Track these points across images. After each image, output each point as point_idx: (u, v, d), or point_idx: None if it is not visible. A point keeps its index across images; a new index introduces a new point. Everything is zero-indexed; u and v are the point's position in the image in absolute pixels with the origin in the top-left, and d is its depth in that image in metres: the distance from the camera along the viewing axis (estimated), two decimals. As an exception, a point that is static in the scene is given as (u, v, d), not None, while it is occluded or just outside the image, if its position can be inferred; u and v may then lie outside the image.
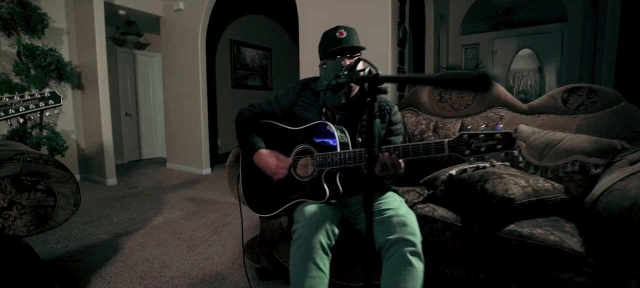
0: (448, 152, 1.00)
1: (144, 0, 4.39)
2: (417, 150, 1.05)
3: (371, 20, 2.95)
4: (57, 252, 2.05)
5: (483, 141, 0.96)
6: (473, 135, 0.97)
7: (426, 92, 1.95)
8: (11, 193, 1.28)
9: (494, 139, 0.94)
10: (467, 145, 0.97)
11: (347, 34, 1.26)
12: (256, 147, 1.29)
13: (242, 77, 6.36)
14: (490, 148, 0.94)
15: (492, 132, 0.95)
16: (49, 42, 3.64)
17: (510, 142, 0.93)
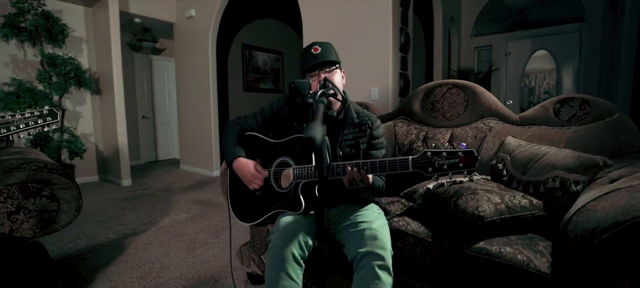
0: (412, 169, 1.02)
1: (157, 8, 4.57)
2: (383, 166, 1.07)
3: (372, 26, 2.96)
4: (70, 250, 2.20)
5: (446, 159, 0.97)
6: (436, 153, 0.98)
7: (418, 101, 1.95)
8: (19, 199, 1.40)
9: (456, 157, 0.96)
10: (430, 163, 0.99)
11: (321, 49, 1.29)
12: (235, 155, 1.34)
13: (254, 80, 6.49)
14: (452, 166, 0.96)
15: (455, 151, 0.96)
16: (70, 51, 3.87)
17: (472, 161, 0.95)
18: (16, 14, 3.24)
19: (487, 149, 1.58)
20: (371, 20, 2.96)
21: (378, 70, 2.96)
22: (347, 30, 3.11)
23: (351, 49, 3.09)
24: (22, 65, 3.60)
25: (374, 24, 2.94)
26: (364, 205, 1.37)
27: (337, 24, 3.18)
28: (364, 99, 2.94)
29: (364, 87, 3.07)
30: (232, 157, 1.34)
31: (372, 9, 2.95)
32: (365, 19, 2.99)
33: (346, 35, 3.12)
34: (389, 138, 1.91)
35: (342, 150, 1.34)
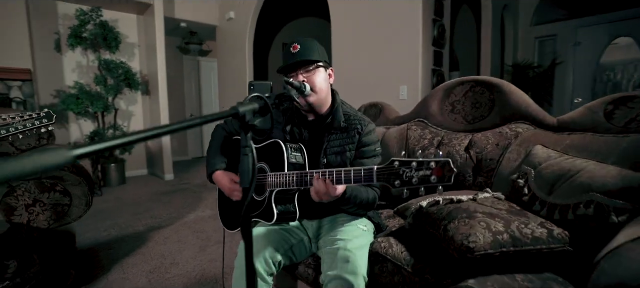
0: (376, 180, 0.86)
1: (201, 11, 4.82)
2: (347, 176, 0.92)
3: (400, 18, 2.72)
4: (101, 239, 2.40)
5: (415, 170, 0.79)
6: (404, 162, 0.81)
7: (437, 101, 1.71)
8: (35, 193, 1.53)
9: (427, 169, 0.77)
10: (396, 175, 0.81)
11: (301, 47, 1.16)
12: (213, 168, 1.29)
13: (295, 78, 6.51)
14: (424, 179, 0.78)
15: (426, 160, 0.78)
16: (123, 56, 4.27)
17: (448, 174, 0.75)
18: (79, 25, 3.65)
19: (509, 160, 1.31)
20: (399, 12, 2.72)
21: (407, 66, 2.71)
22: (374, 24, 2.91)
23: (378, 43, 2.89)
24: (84, 70, 4.07)
25: (402, 16, 2.70)
26: (350, 219, 1.22)
27: (364, 17, 2.99)
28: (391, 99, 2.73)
29: (391, 86, 2.84)
30: (211, 170, 1.29)
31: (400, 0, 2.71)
32: (393, 10, 2.76)
33: (373, 29, 2.92)
34: (400, 143, 1.71)
35: (326, 158, 1.21)
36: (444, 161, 0.76)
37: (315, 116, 1.26)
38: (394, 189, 0.82)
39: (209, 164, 1.31)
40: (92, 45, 3.89)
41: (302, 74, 1.15)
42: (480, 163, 1.39)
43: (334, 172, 0.96)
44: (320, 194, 0.97)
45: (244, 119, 0.70)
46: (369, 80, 3.02)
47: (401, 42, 2.73)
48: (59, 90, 3.89)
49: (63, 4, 3.91)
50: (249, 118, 0.72)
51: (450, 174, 0.75)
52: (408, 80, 2.74)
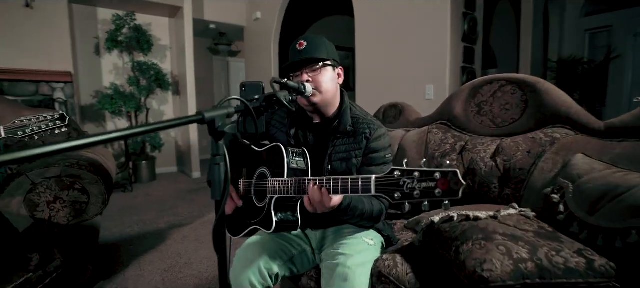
0: (374, 191, 0.75)
1: (229, 12, 4.91)
2: (344, 186, 0.83)
3: (426, 11, 2.54)
4: (125, 235, 2.49)
5: (418, 182, 0.68)
6: (406, 172, 0.70)
7: (461, 102, 1.55)
8: (55, 191, 1.59)
9: (431, 180, 0.66)
10: (397, 186, 0.71)
11: (307, 44, 1.08)
12: None
13: (322, 78, 6.46)
14: (427, 192, 0.66)
15: (430, 171, 0.66)
16: (156, 57, 4.45)
17: (455, 189, 0.64)
18: (115, 30, 3.86)
19: (542, 171, 1.13)
20: (425, 5, 2.55)
21: (433, 64, 2.53)
22: (399, 19, 2.75)
23: (403, 40, 2.73)
24: (120, 72, 4.29)
25: (429, 9, 2.52)
26: (356, 231, 1.12)
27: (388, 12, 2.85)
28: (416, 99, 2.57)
29: (417, 85, 2.67)
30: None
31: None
32: (419, 4, 2.59)
33: (398, 24, 2.77)
34: (419, 147, 1.57)
35: (331, 164, 1.11)
36: (450, 172, 0.64)
37: (321, 119, 1.17)
38: (393, 202, 0.72)
39: None
40: (127, 48, 4.09)
41: (308, 73, 1.07)
42: (508, 173, 1.22)
43: (331, 180, 0.87)
44: (315, 204, 0.89)
45: (213, 126, 0.64)
46: (394, 79, 2.87)
47: (428, 37, 2.55)
48: (98, 91, 4.14)
49: (102, 10, 4.15)
50: (220, 124, 0.65)
51: (458, 188, 0.63)
52: (435, 78, 2.55)
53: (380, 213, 1.07)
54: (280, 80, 0.92)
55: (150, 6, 4.21)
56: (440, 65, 2.50)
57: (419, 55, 2.63)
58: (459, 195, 0.63)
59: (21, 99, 3.23)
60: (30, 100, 3.26)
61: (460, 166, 1.35)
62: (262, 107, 0.85)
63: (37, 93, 3.31)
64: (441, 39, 2.47)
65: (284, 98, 0.86)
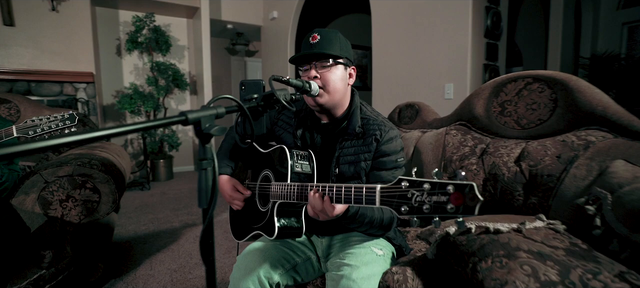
0: (379, 203, 0.68)
1: (246, 12, 4.92)
2: (348, 195, 0.76)
3: (446, 6, 2.41)
4: (140, 232, 2.52)
5: (428, 194, 0.60)
6: (414, 183, 0.62)
7: (483, 101, 1.44)
8: (68, 189, 1.61)
9: (443, 194, 0.58)
10: (404, 199, 0.63)
11: (320, 38, 1.02)
12: (219, 170, 1.21)
13: (339, 77, 6.41)
14: (438, 207, 0.59)
15: (443, 183, 0.58)
16: (174, 58, 4.52)
17: (471, 204, 0.55)
18: (135, 31, 3.94)
19: (574, 178, 1.01)
20: (446, 0, 2.42)
21: (453, 61, 2.41)
22: (417, 14, 2.64)
23: (422, 36, 2.62)
24: (140, 72, 4.39)
25: (449, 3, 2.39)
26: (365, 239, 1.05)
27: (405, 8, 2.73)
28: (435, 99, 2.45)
29: (435, 84, 2.55)
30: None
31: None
32: (439, 0, 2.47)
33: (416, 20, 2.65)
34: (435, 150, 1.47)
35: (339, 168, 1.05)
36: (467, 185, 0.56)
37: (329, 119, 1.11)
38: (400, 216, 0.64)
39: None
40: (146, 49, 4.17)
41: (317, 70, 1.00)
42: (534, 180, 1.11)
43: (334, 188, 0.81)
44: (316, 211, 0.82)
45: (198, 127, 0.58)
46: (411, 78, 2.75)
47: (447, 33, 2.43)
48: (118, 91, 4.25)
49: (123, 12, 4.25)
50: (208, 125, 0.60)
51: (474, 204, 0.55)
52: (455, 77, 2.42)
53: (391, 222, 0.99)
54: (281, 78, 0.86)
55: (169, 7, 4.28)
56: (461, 62, 2.37)
57: (438, 52, 2.51)
58: (475, 213, 0.55)
59: (47, 99, 3.36)
60: (55, 100, 3.38)
61: (481, 171, 1.25)
62: (260, 107, 0.79)
63: (61, 93, 3.43)
64: (462, 34, 2.34)
65: (283, 97, 0.80)
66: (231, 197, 1.13)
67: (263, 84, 0.88)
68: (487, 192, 1.20)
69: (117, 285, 1.80)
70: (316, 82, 1.01)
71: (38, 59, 3.34)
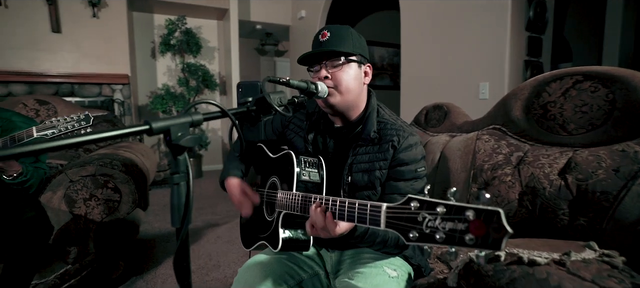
0: (384, 225, 0.58)
1: (274, 12, 4.93)
2: (351, 213, 0.67)
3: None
4: (164, 230, 2.57)
5: (442, 219, 0.49)
6: (427, 204, 0.51)
7: (521, 103, 1.26)
8: (91, 188, 1.66)
9: (461, 220, 0.46)
10: (414, 222, 0.52)
11: (331, 35, 0.92)
12: (227, 173, 1.15)
13: (369, 77, 6.28)
14: (454, 237, 0.47)
15: (461, 207, 0.47)
16: (205, 59, 4.64)
17: (495, 236, 0.44)
18: (168, 34, 4.09)
19: (637, 198, 0.83)
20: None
21: (489, 58, 2.19)
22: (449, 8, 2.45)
23: (454, 31, 2.42)
24: (173, 73, 4.55)
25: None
26: (378, 257, 0.95)
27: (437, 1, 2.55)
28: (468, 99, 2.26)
29: (469, 83, 2.35)
30: (223, 176, 1.16)
31: (484, -23, 2.20)
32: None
33: (448, 14, 2.46)
34: (464, 158, 1.32)
35: (351, 176, 0.95)
36: (492, 213, 0.44)
37: (343, 123, 1.01)
38: (407, 242, 0.53)
39: (224, 169, 1.18)
40: (178, 51, 4.31)
41: (328, 69, 0.91)
42: (583, 197, 0.93)
43: (338, 202, 0.71)
44: (317, 228, 0.73)
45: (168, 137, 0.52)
46: (443, 77, 2.57)
47: (483, 27, 2.22)
48: (152, 92, 4.43)
49: (158, 16, 4.43)
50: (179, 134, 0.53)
51: (500, 237, 0.43)
52: (491, 75, 2.21)
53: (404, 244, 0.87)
54: (278, 79, 0.77)
55: (200, 10, 4.39)
56: (498, 59, 2.15)
57: (472, 48, 2.31)
58: (501, 248, 0.43)
59: (87, 100, 3.57)
60: (95, 100, 3.59)
61: (516, 183, 1.08)
62: (252, 112, 0.72)
63: (100, 94, 3.63)
64: (499, 27, 2.12)
65: (278, 101, 0.71)
66: (239, 202, 1.08)
67: (260, 86, 0.81)
68: (524, 208, 1.04)
69: (137, 282, 1.82)
70: (327, 82, 0.92)
71: (80, 62, 3.56)
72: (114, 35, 3.67)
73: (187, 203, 0.54)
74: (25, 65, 3.31)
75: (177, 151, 0.54)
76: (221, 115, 0.63)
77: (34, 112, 2.10)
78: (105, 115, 2.30)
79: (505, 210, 1.07)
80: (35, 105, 2.12)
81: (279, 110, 0.71)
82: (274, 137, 1.21)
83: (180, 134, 0.54)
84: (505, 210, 1.08)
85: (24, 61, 3.31)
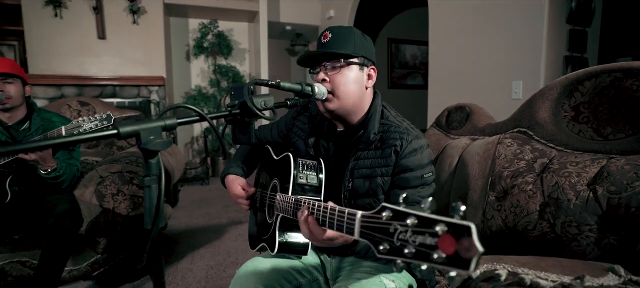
0: (358, 235, 0.55)
1: (303, 13, 4.96)
2: (331, 220, 0.64)
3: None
4: (191, 226, 2.69)
5: (413, 233, 0.45)
6: (398, 214, 0.47)
7: (549, 104, 1.13)
8: (118, 184, 1.77)
9: (431, 235, 0.42)
10: (385, 233, 0.49)
11: (332, 36, 0.90)
12: (228, 170, 1.17)
13: (401, 76, 6.13)
14: (423, 252, 0.43)
15: (431, 219, 0.43)
16: (236, 61, 4.78)
17: (465, 255, 0.39)
18: (201, 37, 4.27)
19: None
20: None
21: (523, 54, 2.02)
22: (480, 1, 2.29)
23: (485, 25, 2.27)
24: (205, 75, 4.75)
25: (520, -13, 2.02)
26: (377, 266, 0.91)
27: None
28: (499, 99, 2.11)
29: (500, 82, 2.19)
30: (225, 173, 1.18)
31: (519, -34, 2.03)
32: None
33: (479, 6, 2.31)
34: (483, 163, 1.22)
35: (353, 181, 0.92)
36: (461, 226, 0.39)
37: (345, 126, 0.99)
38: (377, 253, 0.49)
39: (225, 167, 1.20)
40: (211, 53, 4.49)
41: (328, 71, 0.89)
42: (614, 212, 0.82)
43: (321, 208, 0.69)
44: (305, 233, 0.72)
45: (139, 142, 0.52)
46: (472, 74, 2.41)
47: (516, 21, 2.05)
48: (186, 93, 4.66)
49: (192, 20, 4.65)
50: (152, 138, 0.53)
51: (469, 256, 0.38)
52: (525, 72, 2.04)
53: None
54: (267, 81, 0.76)
55: (232, 13, 4.53)
56: (533, 55, 1.97)
57: (504, 44, 2.14)
58: (470, 268, 0.38)
59: (127, 101, 3.83)
60: (133, 101, 3.84)
61: (538, 193, 0.98)
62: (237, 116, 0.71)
63: (138, 95, 3.88)
64: (536, 20, 1.94)
65: (261, 104, 0.70)
66: (235, 196, 1.09)
67: (252, 89, 0.80)
68: (545, 221, 0.93)
69: (159, 275, 1.91)
70: (325, 85, 0.90)
71: (122, 66, 3.83)
72: (151, 40, 3.90)
73: (158, 206, 0.55)
74: (75, 70, 3.63)
75: (148, 154, 0.54)
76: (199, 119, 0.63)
77: (76, 112, 2.29)
78: (137, 115, 2.45)
79: (524, 223, 0.98)
80: (77, 106, 2.31)
81: (260, 113, 0.69)
82: (279, 140, 1.21)
83: (151, 137, 0.55)
84: (524, 222, 0.97)
85: (74, 66, 3.63)
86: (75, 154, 1.69)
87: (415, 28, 5.69)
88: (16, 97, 1.54)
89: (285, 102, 0.83)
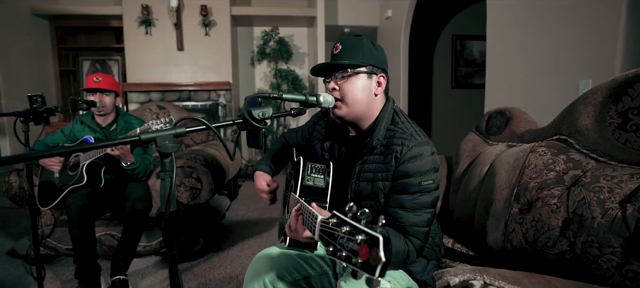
0: (317, 236, 0.62)
1: (362, 14, 4.99)
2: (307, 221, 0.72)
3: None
4: (245, 218, 2.96)
5: (346, 239, 0.52)
6: (340, 222, 0.54)
7: (592, 109, 1.00)
8: (181, 177, 2.07)
9: (355, 242, 0.49)
10: (332, 237, 0.56)
11: (342, 47, 0.98)
12: (257, 167, 1.30)
13: (466, 75, 5.74)
14: (350, 257, 0.50)
15: (357, 229, 0.49)
16: (295, 65, 5.05)
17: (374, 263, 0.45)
18: (263, 44, 4.63)
19: None
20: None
21: (594, 49, 1.77)
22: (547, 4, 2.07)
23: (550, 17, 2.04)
24: (267, 79, 5.11)
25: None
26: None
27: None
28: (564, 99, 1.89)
29: (566, 81, 1.95)
30: (254, 169, 1.32)
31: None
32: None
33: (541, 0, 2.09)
34: (511, 173, 1.14)
35: (358, 185, 0.98)
36: (374, 238, 0.45)
37: (356, 132, 1.05)
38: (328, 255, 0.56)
39: (256, 163, 1.34)
40: (272, 58, 4.82)
41: (338, 81, 0.97)
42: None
43: (307, 209, 0.76)
44: (290, 230, 0.80)
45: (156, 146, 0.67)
46: (534, 72, 2.19)
47: (585, 12, 1.80)
48: (250, 96, 5.07)
49: (257, 28, 5.05)
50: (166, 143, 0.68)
51: (376, 264, 0.43)
52: (595, 70, 1.78)
53: (405, 256, 0.86)
54: (269, 94, 0.86)
55: (292, 19, 4.80)
56: (606, 50, 1.71)
57: (571, 39, 1.89)
58: (376, 275, 0.43)
59: (200, 104, 4.36)
60: (204, 105, 4.35)
61: (562, 207, 0.89)
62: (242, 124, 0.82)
63: (208, 99, 4.38)
64: (610, 11, 1.68)
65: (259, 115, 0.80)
66: (258, 190, 1.21)
67: (259, 100, 0.91)
68: (565, 239, 0.85)
69: (212, 257, 2.18)
70: (335, 94, 0.97)
71: (196, 73, 4.37)
72: (220, 49, 4.37)
73: (169, 193, 0.69)
74: (159, 77, 4.27)
75: (163, 155, 0.69)
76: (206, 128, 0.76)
77: (155, 115, 2.72)
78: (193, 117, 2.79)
79: (544, 240, 0.90)
80: (156, 110, 2.74)
81: (255, 124, 0.79)
82: (303, 143, 1.31)
83: (166, 142, 0.69)
84: (544, 239, 0.90)
85: (159, 74, 4.28)
86: (149, 151, 2.03)
87: (475, 25, 5.26)
88: (109, 106, 1.92)
89: (290, 111, 0.92)
